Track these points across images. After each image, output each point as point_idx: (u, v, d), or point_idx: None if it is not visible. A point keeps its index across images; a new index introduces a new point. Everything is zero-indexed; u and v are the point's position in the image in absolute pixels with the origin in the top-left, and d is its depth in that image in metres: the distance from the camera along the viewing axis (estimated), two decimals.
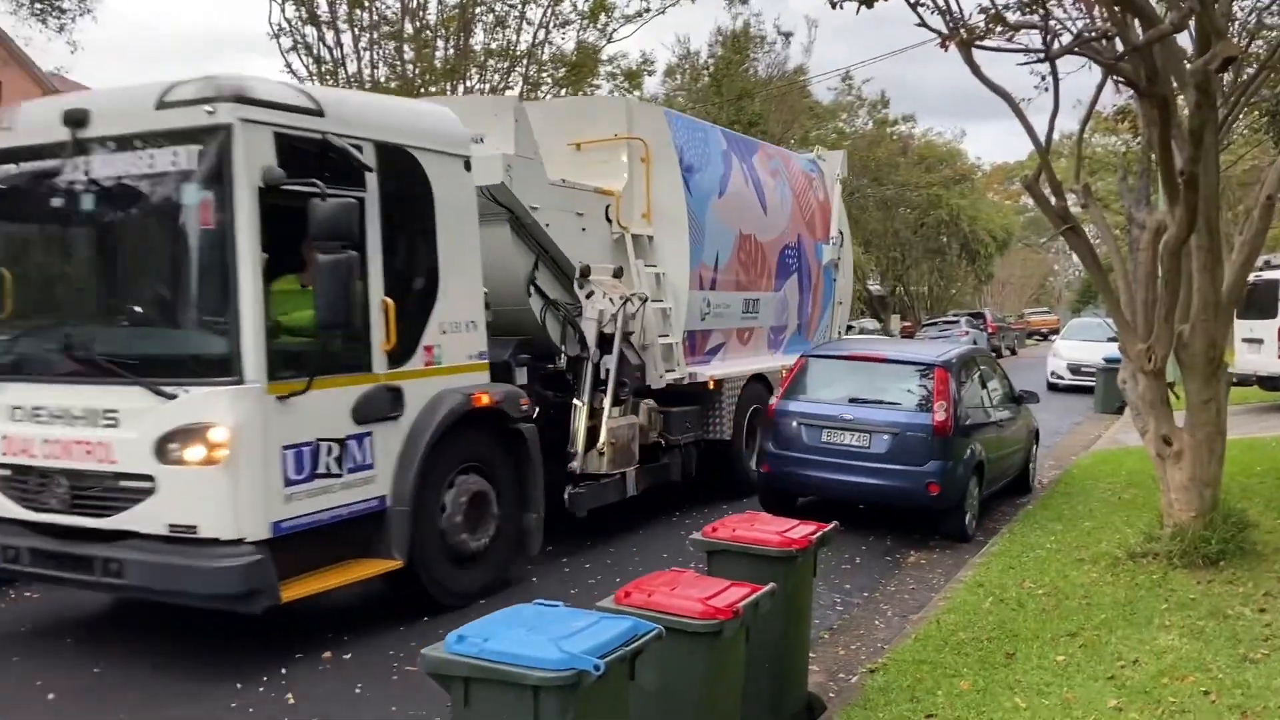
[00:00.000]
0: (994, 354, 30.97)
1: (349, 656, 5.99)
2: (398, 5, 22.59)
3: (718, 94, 28.41)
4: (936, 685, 5.17)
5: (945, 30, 6.33)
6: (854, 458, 8.99)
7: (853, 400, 9.30)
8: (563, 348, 8.36)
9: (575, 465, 8.04)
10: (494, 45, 23.87)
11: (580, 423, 8.11)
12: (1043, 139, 7.64)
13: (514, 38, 24.09)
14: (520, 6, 24.21)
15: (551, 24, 24.87)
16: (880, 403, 9.23)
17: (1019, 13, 6.66)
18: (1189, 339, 7.39)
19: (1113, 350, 13.45)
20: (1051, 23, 6.93)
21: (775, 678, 4.66)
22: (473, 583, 6.86)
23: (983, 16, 6.29)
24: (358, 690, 5.49)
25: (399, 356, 6.26)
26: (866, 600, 7.36)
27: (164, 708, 5.18)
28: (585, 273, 8.34)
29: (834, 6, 5.97)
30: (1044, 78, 7.73)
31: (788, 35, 32.63)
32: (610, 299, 8.36)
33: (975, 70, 6.71)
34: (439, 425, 6.42)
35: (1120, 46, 6.69)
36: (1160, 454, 7.55)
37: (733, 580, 4.24)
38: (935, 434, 8.79)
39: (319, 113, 5.79)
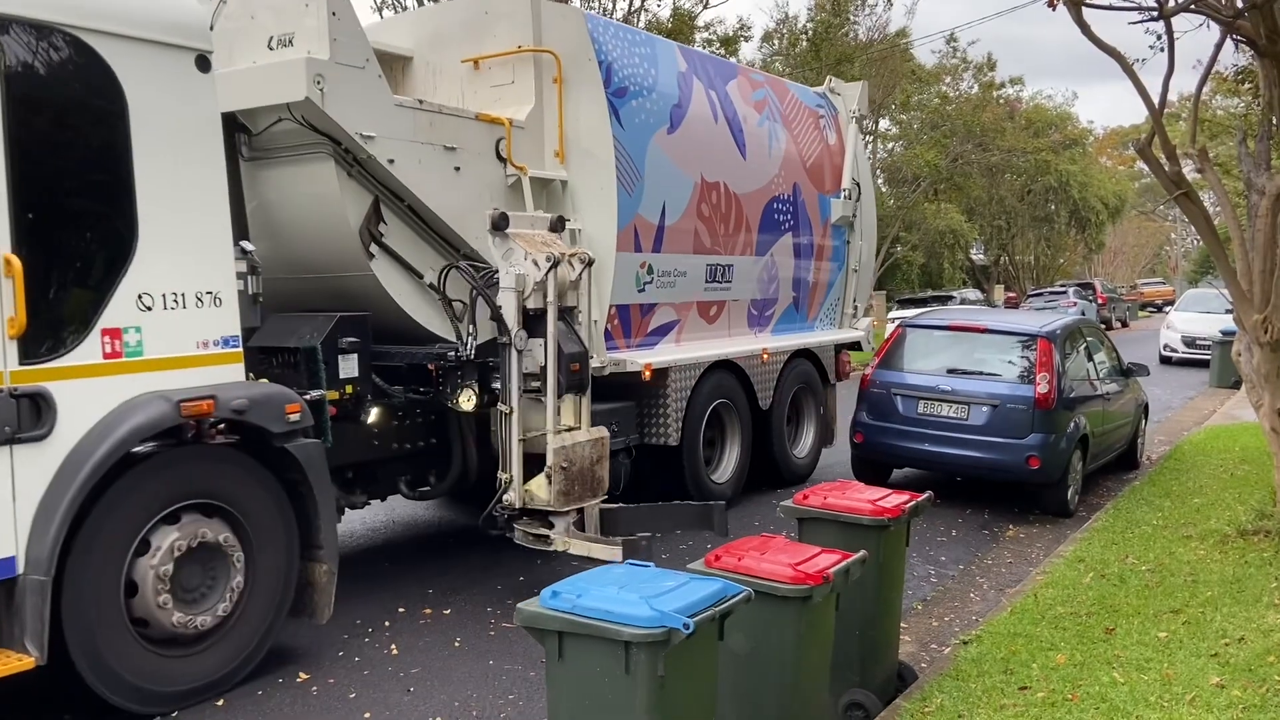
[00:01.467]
0: (1103, 326, 29.99)
1: (448, 612, 6.22)
2: None
3: (816, 58, 27.89)
4: (1031, 658, 5.12)
5: None
6: (952, 429, 8.87)
7: (951, 371, 9.15)
8: (470, 330, 6.39)
9: (511, 497, 6.08)
10: (592, 11, 23.98)
11: (511, 436, 6.04)
12: (1156, 101, 7.35)
13: (609, 5, 24.10)
14: None
15: None
16: (980, 374, 9.06)
17: None
18: None
19: (1230, 322, 12.89)
20: None
21: (865, 645, 4.68)
22: (197, 673, 4.83)
23: None
24: (456, 644, 5.70)
25: (46, 344, 4.32)
26: (962, 573, 7.29)
27: (275, 654, 5.46)
28: (500, 224, 6.14)
29: None
30: (1159, 37, 7.42)
31: None
32: (535, 260, 6.08)
33: (1085, 30, 6.49)
34: (114, 449, 4.40)
35: (1240, 3, 6.38)
36: (1275, 429, 7.26)
37: (824, 548, 4.27)
38: (1037, 406, 8.60)
39: None
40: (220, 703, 4.90)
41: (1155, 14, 6.23)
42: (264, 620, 5.13)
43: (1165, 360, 22.37)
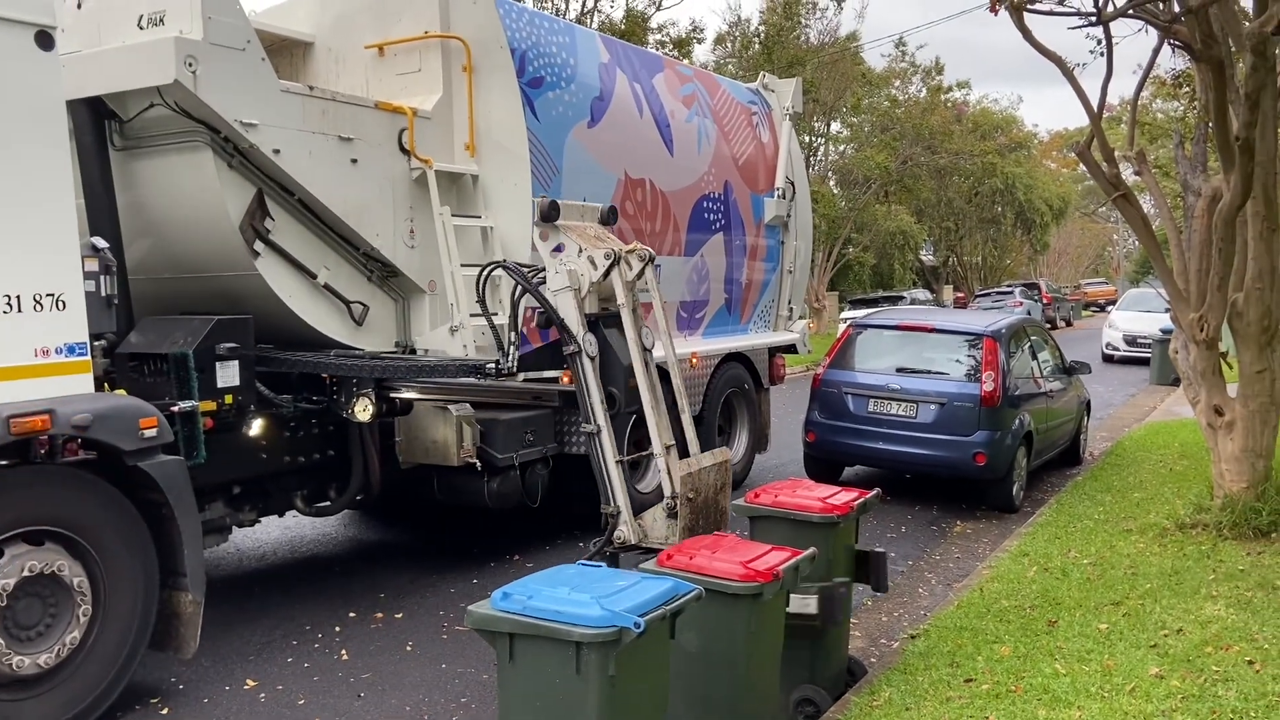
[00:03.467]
0: (1049, 325, 30.56)
1: (400, 616, 6.18)
2: None
3: (768, 61, 28.12)
4: (977, 651, 5.21)
5: None
6: (901, 427, 8.99)
7: (900, 370, 9.28)
8: (511, 338, 5.96)
9: (624, 533, 5.56)
10: (541, 10, 23.97)
11: (608, 459, 5.61)
12: (1096, 105, 7.52)
13: (562, 6, 24.09)
14: None
15: None
16: (928, 373, 9.21)
17: None
18: (1243, 308, 7.26)
19: (1169, 321, 13.23)
20: None
21: (815, 641, 4.73)
22: (40, 717, 4.37)
23: None
24: (408, 648, 5.67)
25: None
26: (911, 568, 7.40)
27: (223, 660, 5.39)
28: (549, 214, 5.79)
29: None
30: (1099, 41, 7.61)
31: (840, 1, 32.22)
32: (592, 258, 5.70)
33: (1027, 35, 6.63)
34: None
35: (1176, 8, 6.55)
36: (1212, 424, 7.46)
37: (775, 545, 4.32)
38: (983, 404, 8.76)
39: None
40: (165, 710, 4.83)
41: (1094, 19, 6.38)
42: (117, 657, 4.61)
43: (1108, 359, 22.84)
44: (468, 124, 7.10)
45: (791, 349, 10.95)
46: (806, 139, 31.35)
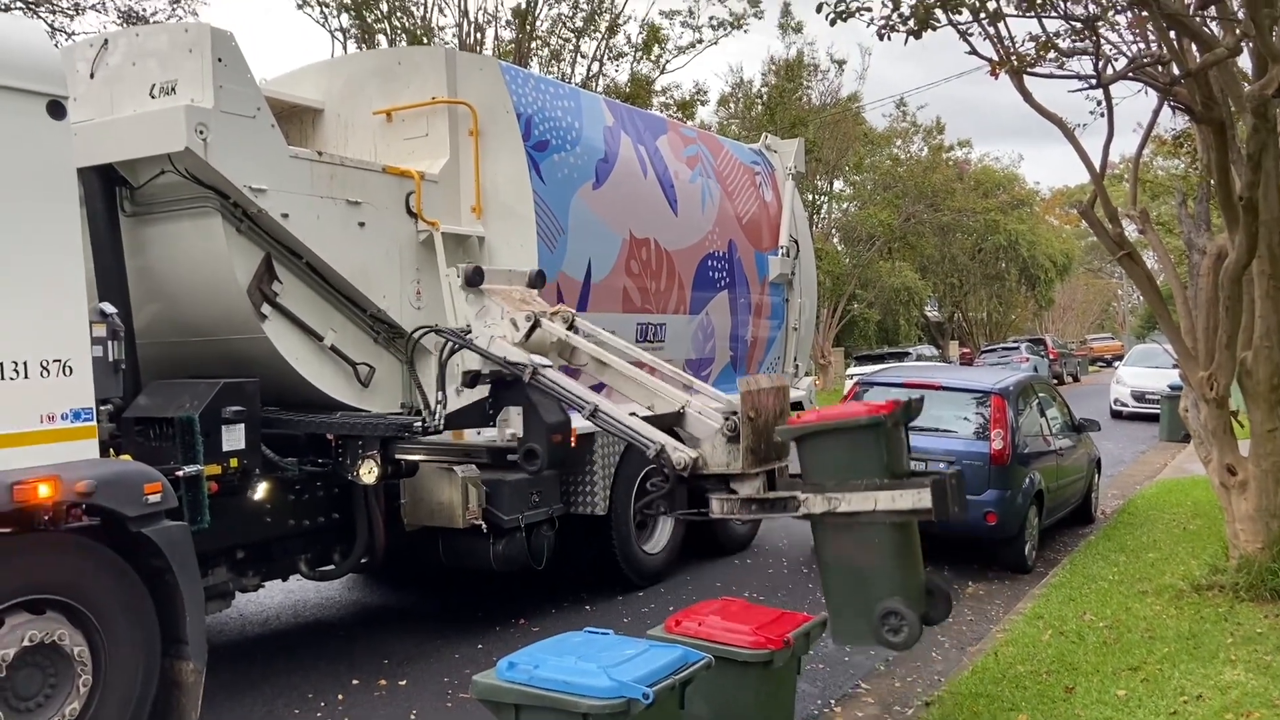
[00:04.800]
0: (1056, 381, 30.47)
1: (404, 683, 6.08)
2: (454, 41, 23.11)
3: (771, 121, 28.53)
4: (993, 719, 5.10)
5: (996, 58, 6.34)
6: None
7: (908, 428, 9.21)
8: (439, 397, 6.00)
9: (679, 457, 5.33)
10: (549, 76, 24.35)
11: (621, 417, 5.65)
12: (1098, 165, 7.58)
13: (569, 70, 24.50)
14: (575, 40, 24.67)
15: (606, 57, 25.30)
16: (936, 430, 9.14)
17: (1070, 39, 6.63)
18: (1252, 366, 7.23)
19: (1178, 377, 13.16)
20: (1104, 48, 6.88)
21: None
22: None
23: (1033, 44, 6.27)
24: (412, 716, 5.56)
25: None
26: (923, 631, 7.26)
27: None
28: (474, 279, 5.85)
29: (881, 38, 6.01)
30: (1099, 103, 7.69)
31: (841, 63, 32.69)
32: (514, 320, 5.79)
33: (1027, 97, 6.70)
34: None
35: (1176, 71, 6.63)
36: (1224, 484, 7.39)
37: (784, 611, 4.25)
38: (993, 462, 8.69)
39: None
40: None
41: (1094, 82, 6.45)
42: None
43: (1116, 415, 22.74)
44: (474, 187, 7.18)
45: (798, 406, 10.90)
46: (810, 197, 31.63)
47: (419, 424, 6.00)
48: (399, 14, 22.87)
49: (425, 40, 22.78)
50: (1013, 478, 8.75)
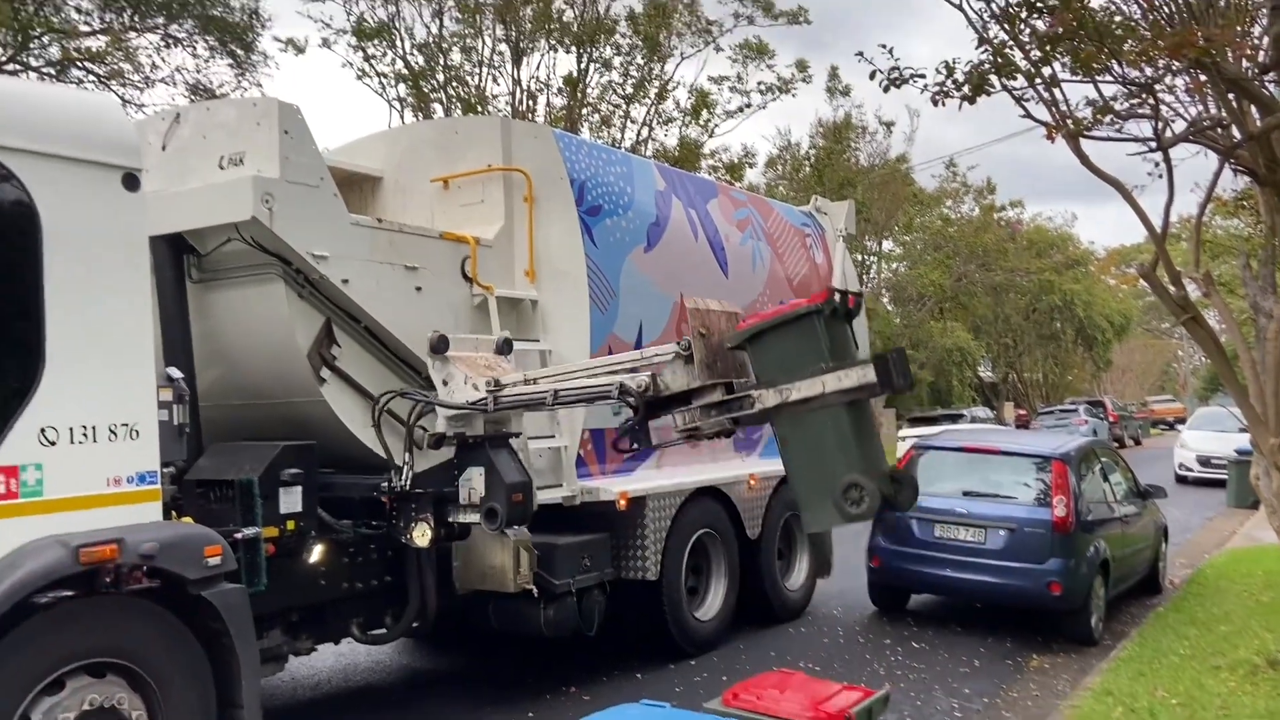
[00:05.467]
0: (1116, 444, 29.76)
1: None
2: (507, 109, 23.63)
3: (819, 183, 28.68)
4: None
5: (1052, 121, 6.31)
6: (970, 554, 8.71)
7: (967, 493, 9.04)
8: (406, 459, 6.11)
9: (635, 382, 5.47)
10: (599, 141, 24.77)
11: (583, 387, 5.71)
12: (1158, 227, 7.47)
13: (619, 135, 24.89)
14: (625, 106, 25.11)
15: (655, 122, 25.69)
16: (996, 496, 8.96)
17: (1128, 102, 6.58)
18: None
19: (1245, 441, 12.79)
20: (1163, 110, 6.82)
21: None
22: None
23: (1090, 107, 6.24)
24: None
25: None
26: (987, 707, 7.04)
27: None
28: (439, 347, 6.04)
29: (935, 104, 6.02)
30: (1157, 164, 7.60)
31: (889, 125, 32.83)
32: (475, 385, 5.98)
33: (1084, 160, 6.64)
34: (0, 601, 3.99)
35: (1237, 134, 6.54)
36: None
37: (845, 685, 4.14)
38: (1055, 530, 8.47)
39: None
40: None
41: (1154, 145, 6.38)
42: None
43: (1181, 480, 22.12)
44: (528, 251, 7.29)
45: None
46: (859, 257, 31.58)
47: (385, 484, 6.08)
48: (454, 83, 23.48)
49: (480, 108, 23.31)
50: (1077, 546, 8.52)
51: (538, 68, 24.55)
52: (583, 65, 24.22)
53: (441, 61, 23.40)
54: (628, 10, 24.23)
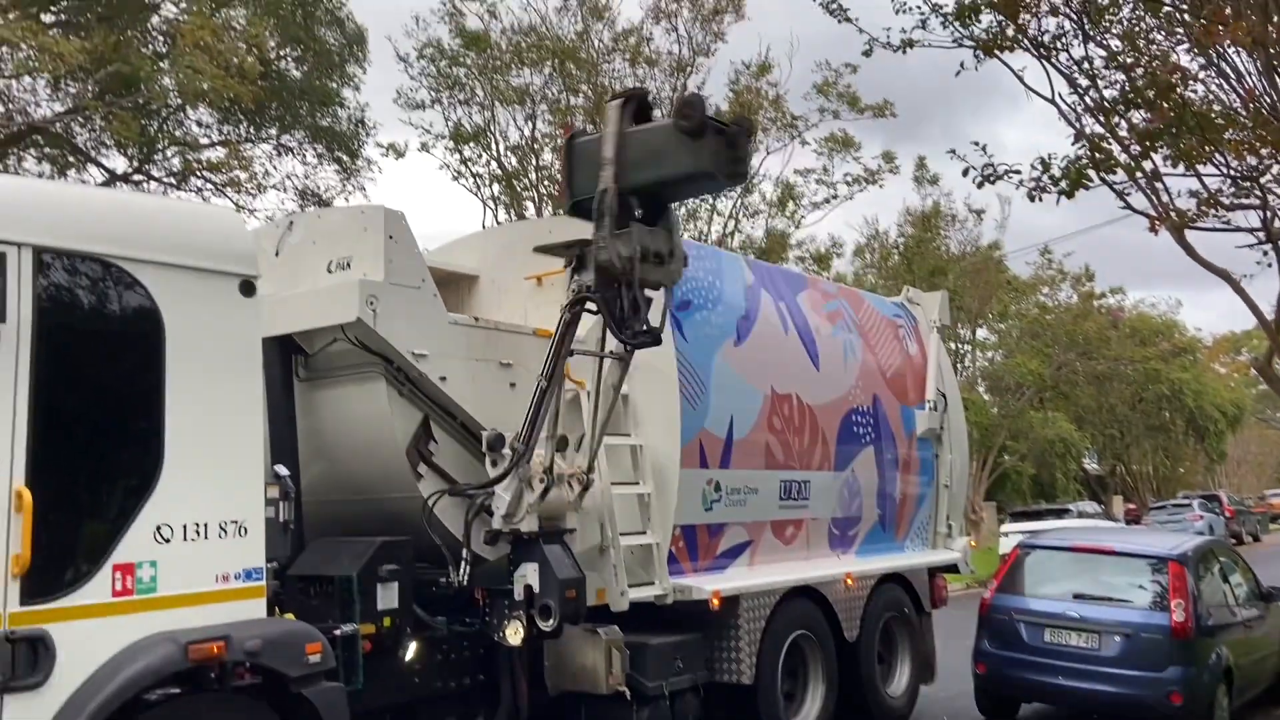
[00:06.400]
0: (1234, 541, 28.20)
1: None
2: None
3: (909, 271, 28.43)
4: None
5: (1155, 213, 6.19)
6: (1082, 661, 8.27)
7: (1078, 596, 8.64)
8: (464, 555, 6.06)
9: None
10: (686, 236, 25.04)
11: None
12: (1270, 317, 7.20)
13: (705, 228, 25.19)
14: (712, 200, 25.45)
15: (741, 214, 25.94)
16: (1109, 599, 8.55)
17: (1232, 197, 6.43)
18: None
19: None
20: (1271, 200, 6.63)
21: None
22: None
23: (1194, 199, 6.11)
24: None
25: (51, 582, 4.01)
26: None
27: None
28: (495, 444, 6.01)
29: (1032, 199, 5.98)
30: (1265, 253, 7.36)
31: (980, 213, 32.41)
32: (529, 482, 6.06)
33: (1190, 252, 6.48)
34: (109, 700, 3.97)
35: None
36: None
37: None
38: (1174, 636, 8.02)
39: None
40: None
41: (1263, 236, 6.20)
42: None
43: None
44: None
45: (953, 568, 10.38)
46: (952, 345, 31.04)
47: (444, 580, 6.05)
48: (546, 182, 24.17)
49: None
50: (1198, 653, 8.05)
51: None
52: None
53: (534, 161, 24.16)
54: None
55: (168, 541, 4.34)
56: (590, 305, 6.11)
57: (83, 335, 4.30)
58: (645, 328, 6.09)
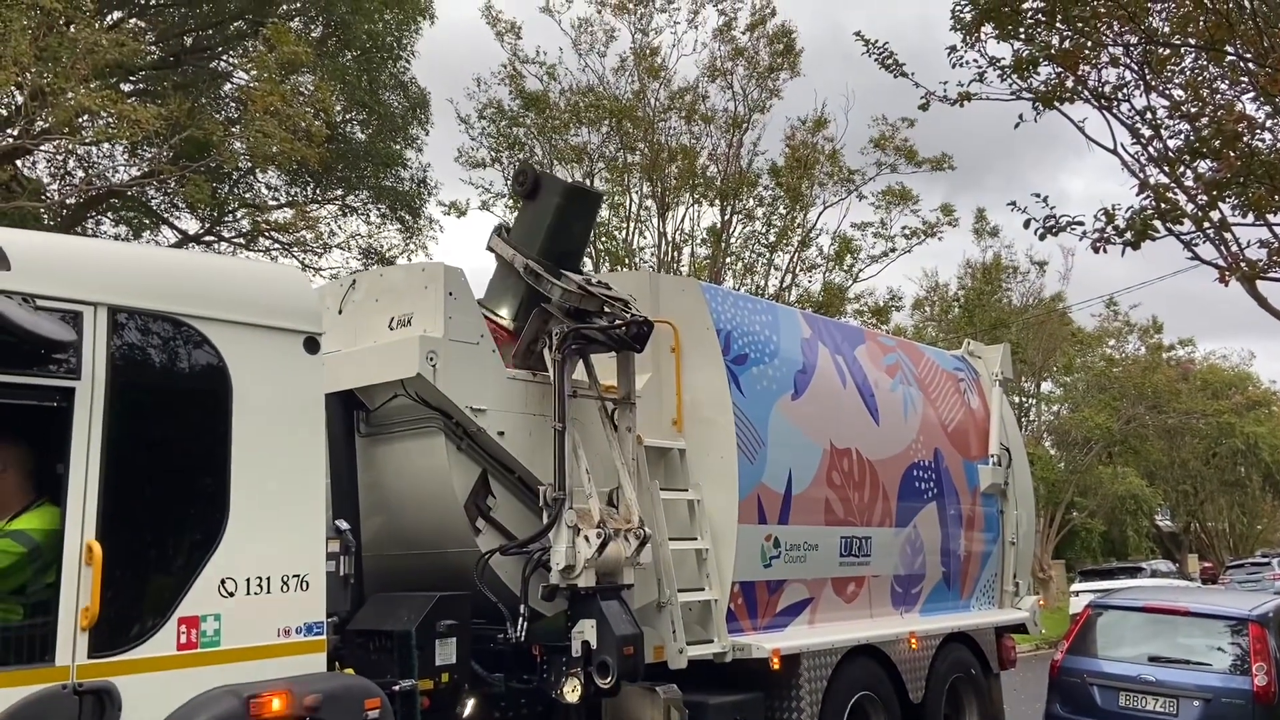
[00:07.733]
0: None
1: None
2: (654, 260, 24.37)
3: (969, 324, 28.05)
4: None
5: (1224, 264, 6.06)
6: None
7: (1153, 659, 8.33)
8: (522, 611, 6.00)
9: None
10: (743, 290, 25.10)
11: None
12: None
13: (762, 282, 25.20)
14: (769, 255, 25.49)
15: (798, 268, 25.92)
16: (1186, 662, 8.23)
17: None
18: None
19: None
20: None
21: None
22: None
23: (1264, 249, 5.97)
24: None
25: (118, 636, 4.07)
26: None
27: None
28: (553, 500, 6.14)
29: (1096, 251, 5.89)
30: None
31: (1042, 264, 31.98)
32: (587, 537, 6.08)
33: (1262, 303, 6.32)
34: None
35: None
36: None
37: None
38: (1257, 701, 7.70)
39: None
40: None
41: None
42: None
43: None
44: (675, 401, 7.30)
45: (1021, 628, 10.06)
46: (1016, 399, 30.47)
47: (501, 636, 6.00)
48: (603, 238, 24.45)
49: (627, 260, 24.11)
50: None
51: (682, 220, 25.16)
52: (726, 217, 24.86)
53: None
54: (770, 164, 24.93)
55: (231, 595, 4.40)
56: (574, 345, 6.41)
57: (153, 392, 4.41)
58: (630, 316, 6.41)
